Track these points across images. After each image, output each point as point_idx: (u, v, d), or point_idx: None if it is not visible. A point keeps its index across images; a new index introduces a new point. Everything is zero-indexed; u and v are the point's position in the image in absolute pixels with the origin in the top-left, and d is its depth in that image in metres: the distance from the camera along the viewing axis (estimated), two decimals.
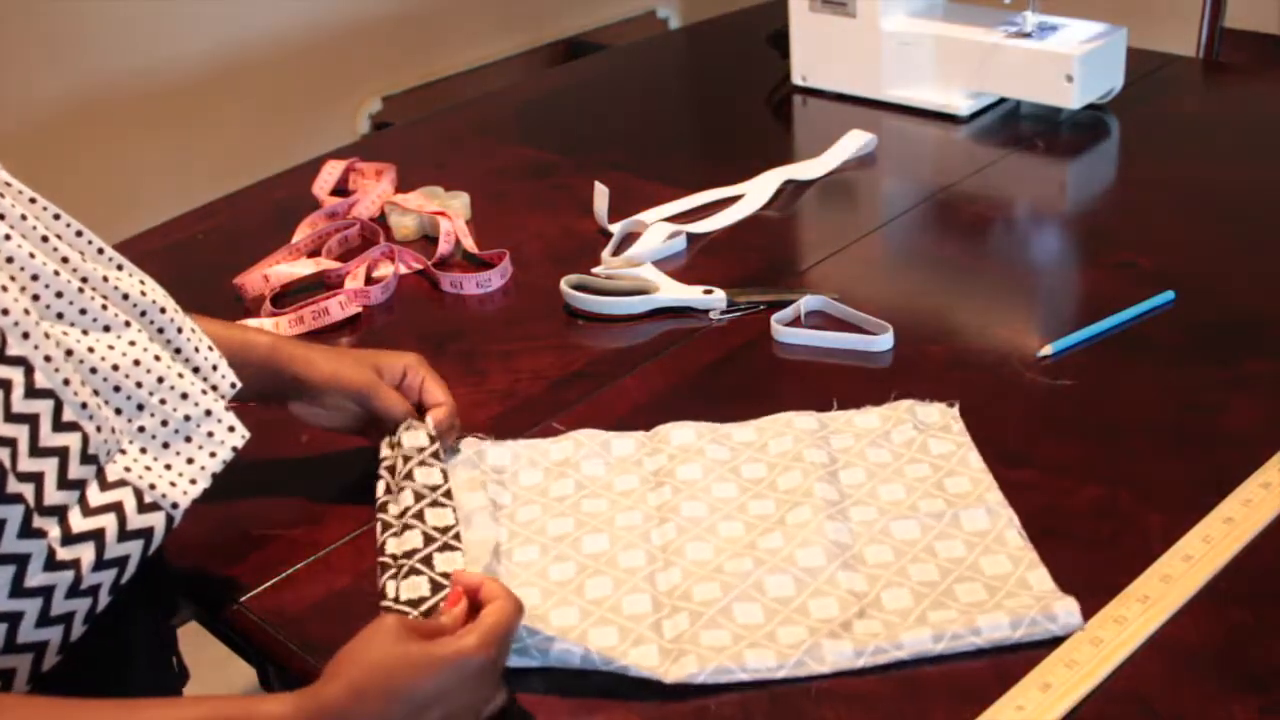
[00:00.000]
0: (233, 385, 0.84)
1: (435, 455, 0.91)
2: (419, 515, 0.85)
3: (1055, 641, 0.78)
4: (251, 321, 1.19)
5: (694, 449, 0.96)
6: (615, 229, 1.30)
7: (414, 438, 0.92)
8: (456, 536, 0.84)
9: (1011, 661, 0.76)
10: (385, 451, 0.93)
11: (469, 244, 1.32)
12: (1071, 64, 1.44)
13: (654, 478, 0.94)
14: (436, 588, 0.80)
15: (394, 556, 0.84)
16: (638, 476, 0.95)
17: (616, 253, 1.26)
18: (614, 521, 0.91)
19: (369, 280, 1.27)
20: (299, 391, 0.93)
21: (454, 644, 0.69)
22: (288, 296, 1.25)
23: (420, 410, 0.95)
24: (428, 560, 0.82)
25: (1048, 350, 1.06)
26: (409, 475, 0.89)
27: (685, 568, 0.86)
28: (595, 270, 1.23)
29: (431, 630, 0.71)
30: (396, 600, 0.80)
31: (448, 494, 0.88)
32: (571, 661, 0.78)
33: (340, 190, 1.47)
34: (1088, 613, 0.79)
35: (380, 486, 0.91)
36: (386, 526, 0.87)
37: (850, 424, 0.98)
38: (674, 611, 0.82)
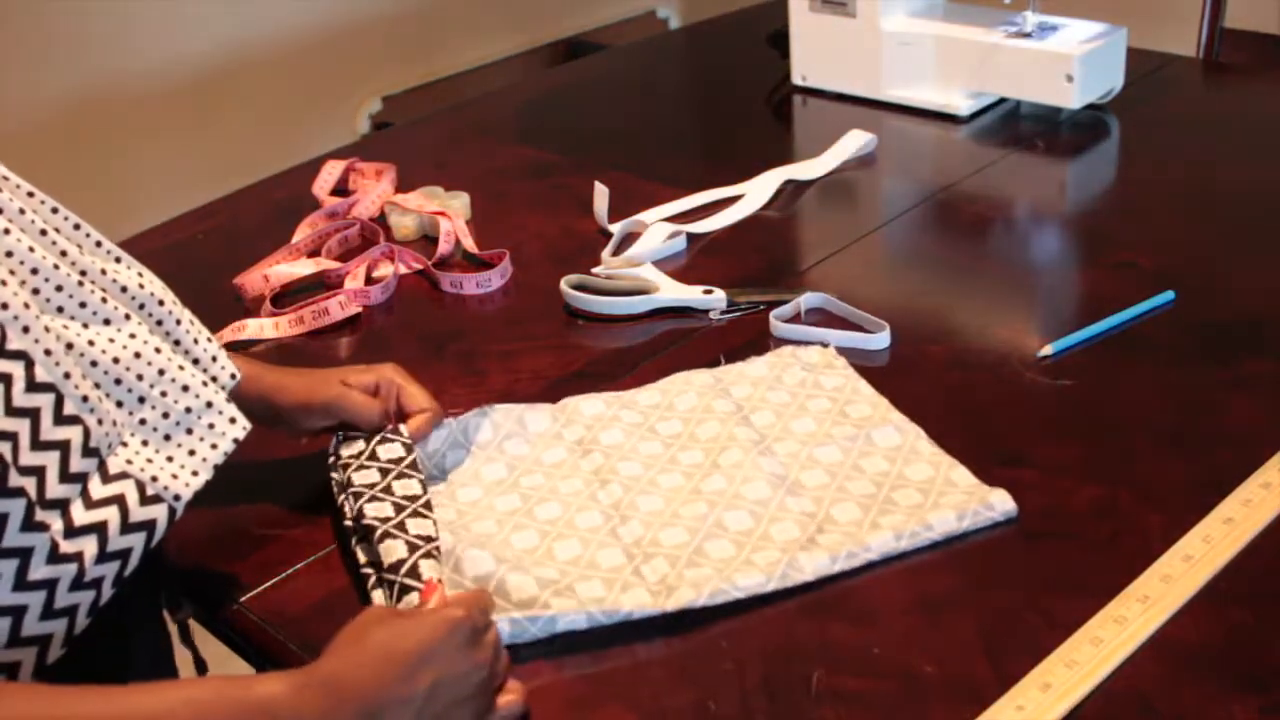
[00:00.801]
0: (233, 376, 0.84)
1: (413, 466, 0.90)
2: (400, 526, 0.84)
3: (1010, 542, 0.84)
4: (251, 322, 1.20)
5: (607, 417, 1.00)
6: (615, 229, 1.30)
7: (390, 450, 0.91)
8: (438, 548, 0.84)
9: (1012, 661, 0.76)
10: (336, 474, 0.91)
11: (469, 244, 1.32)
12: (1071, 64, 1.44)
13: (579, 447, 0.97)
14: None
15: (375, 566, 0.83)
16: (563, 448, 0.97)
17: (616, 253, 1.26)
18: (558, 490, 0.93)
19: (369, 280, 1.27)
20: (276, 417, 0.92)
21: (437, 611, 0.73)
22: (288, 296, 1.25)
23: (403, 420, 0.94)
24: (414, 571, 0.81)
25: (1048, 350, 1.06)
26: (387, 489, 0.88)
27: (643, 519, 0.89)
28: (595, 270, 1.23)
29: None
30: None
31: (427, 505, 0.87)
32: (579, 625, 0.80)
33: (340, 190, 1.47)
34: (1088, 612, 0.79)
35: (346, 508, 0.89)
36: (363, 538, 0.86)
37: (743, 375, 1.05)
38: (648, 558, 0.85)
